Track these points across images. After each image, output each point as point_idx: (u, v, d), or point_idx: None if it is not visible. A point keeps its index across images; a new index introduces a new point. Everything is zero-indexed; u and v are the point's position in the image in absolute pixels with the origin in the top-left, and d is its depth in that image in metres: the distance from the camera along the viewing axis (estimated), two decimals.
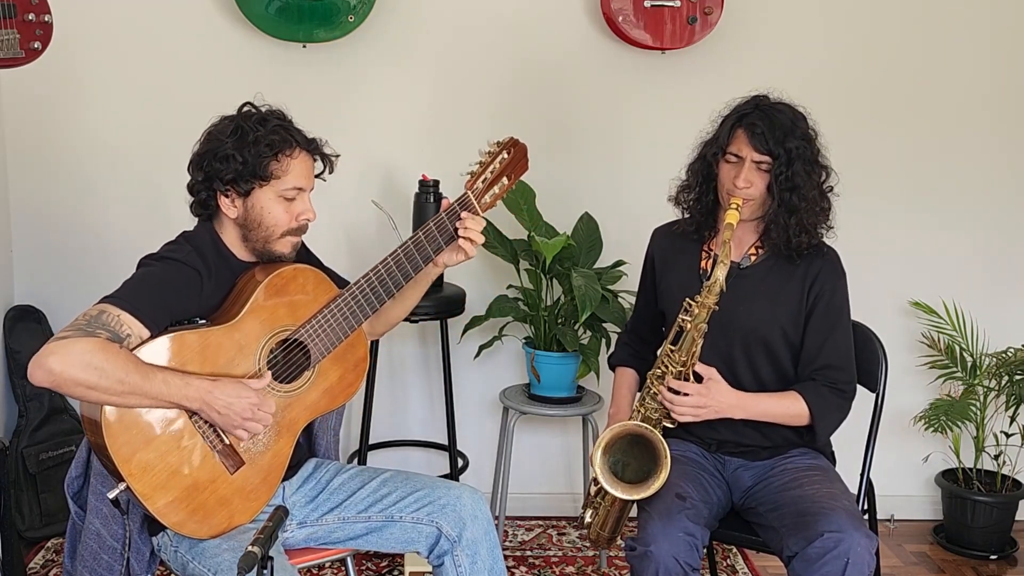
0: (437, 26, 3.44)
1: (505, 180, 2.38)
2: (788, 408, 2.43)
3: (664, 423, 2.40)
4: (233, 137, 2.15)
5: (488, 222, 2.67)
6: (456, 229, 2.30)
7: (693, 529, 2.24)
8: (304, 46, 3.32)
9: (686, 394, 2.35)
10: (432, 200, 3.22)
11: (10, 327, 3.39)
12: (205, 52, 3.39)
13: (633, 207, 3.47)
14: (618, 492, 2.32)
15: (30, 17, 2.87)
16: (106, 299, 2.02)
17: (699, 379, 2.39)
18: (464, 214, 2.31)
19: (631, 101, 3.51)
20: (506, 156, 2.38)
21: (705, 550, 2.48)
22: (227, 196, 2.18)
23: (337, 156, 2.30)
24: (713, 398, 2.37)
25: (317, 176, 2.27)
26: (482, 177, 2.35)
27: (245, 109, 2.22)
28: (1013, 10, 3.52)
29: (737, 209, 2.36)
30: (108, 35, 3.36)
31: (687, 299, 2.35)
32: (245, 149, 2.13)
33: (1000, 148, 3.60)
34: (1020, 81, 3.56)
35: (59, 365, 1.89)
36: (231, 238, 2.23)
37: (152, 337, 2.02)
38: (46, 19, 2.90)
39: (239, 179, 2.15)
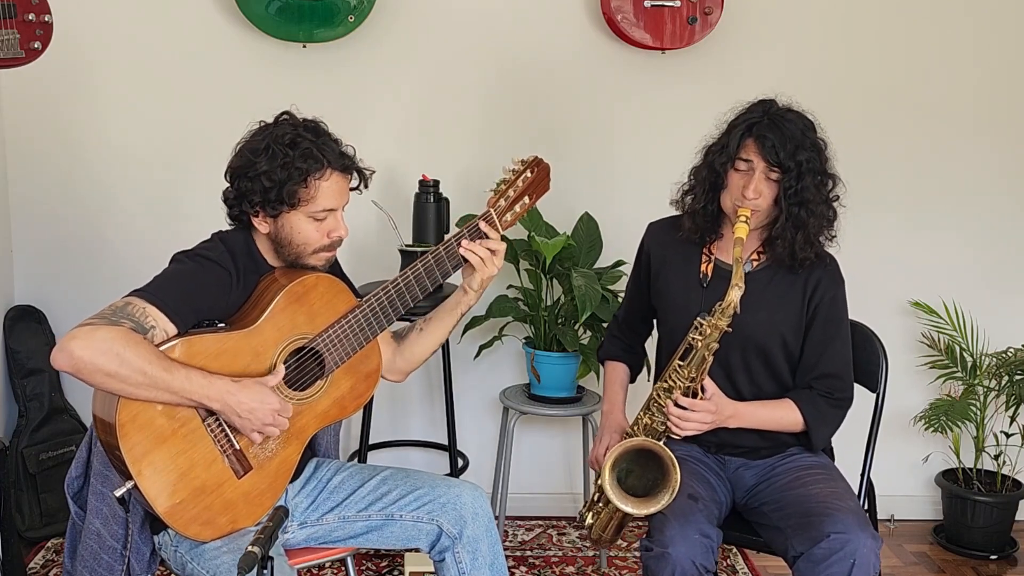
0: (437, 26, 3.44)
1: (527, 199, 2.35)
2: (783, 418, 2.43)
3: (669, 435, 2.38)
4: (264, 157, 2.11)
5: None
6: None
7: (709, 530, 2.24)
8: (304, 46, 3.32)
9: (693, 411, 2.33)
10: (432, 200, 3.22)
11: (10, 327, 3.38)
12: (205, 52, 3.39)
13: (633, 207, 3.45)
14: (628, 507, 2.30)
15: (30, 17, 2.87)
16: (134, 292, 2.02)
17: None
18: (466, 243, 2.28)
19: (631, 101, 3.51)
20: (529, 175, 2.34)
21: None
22: (256, 215, 2.16)
23: (372, 172, 2.26)
24: (718, 412, 2.36)
25: (353, 189, 2.24)
26: (505, 195, 2.31)
27: (283, 119, 2.18)
28: (1008, 16, 3.52)
29: (746, 222, 2.31)
30: (108, 35, 3.36)
31: (698, 318, 2.32)
32: (273, 173, 2.10)
33: (1001, 148, 3.60)
34: (1018, 80, 3.57)
35: (80, 350, 1.89)
36: (265, 247, 2.22)
37: (172, 337, 2.02)
38: (46, 19, 2.90)
39: (266, 203, 2.13)
